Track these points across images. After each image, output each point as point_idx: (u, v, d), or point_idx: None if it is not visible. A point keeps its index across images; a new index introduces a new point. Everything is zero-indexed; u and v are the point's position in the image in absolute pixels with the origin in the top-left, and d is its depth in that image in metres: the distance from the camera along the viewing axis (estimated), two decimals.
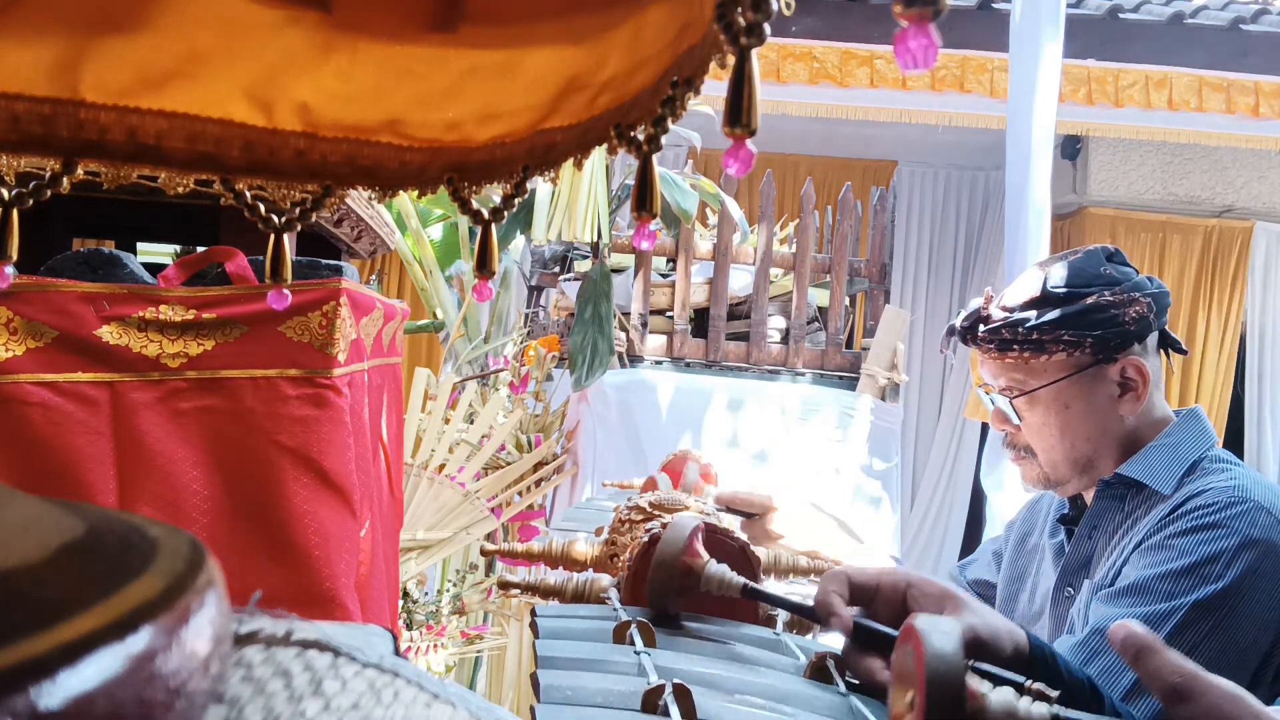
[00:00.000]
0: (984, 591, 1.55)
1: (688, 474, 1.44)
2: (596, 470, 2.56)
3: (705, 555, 0.77)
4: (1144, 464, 1.32)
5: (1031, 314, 1.32)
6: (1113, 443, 1.35)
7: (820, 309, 2.85)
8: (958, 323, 1.41)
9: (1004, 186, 3.02)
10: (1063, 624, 1.35)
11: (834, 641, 0.87)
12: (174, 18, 0.58)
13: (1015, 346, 1.33)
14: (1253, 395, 5.00)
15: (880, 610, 0.78)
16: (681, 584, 0.75)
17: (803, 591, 1.05)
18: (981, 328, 1.36)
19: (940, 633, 0.59)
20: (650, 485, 1.38)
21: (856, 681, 0.72)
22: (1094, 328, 1.30)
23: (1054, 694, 0.68)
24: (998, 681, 0.68)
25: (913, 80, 4.12)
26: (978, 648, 0.73)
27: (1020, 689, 0.67)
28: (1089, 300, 1.30)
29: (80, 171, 0.63)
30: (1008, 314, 1.34)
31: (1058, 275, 1.33)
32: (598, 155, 2.10)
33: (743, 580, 0.76)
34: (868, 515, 2.61)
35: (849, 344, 2.92)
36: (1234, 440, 4.96)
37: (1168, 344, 1.38)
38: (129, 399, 1.04)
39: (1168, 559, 1.20)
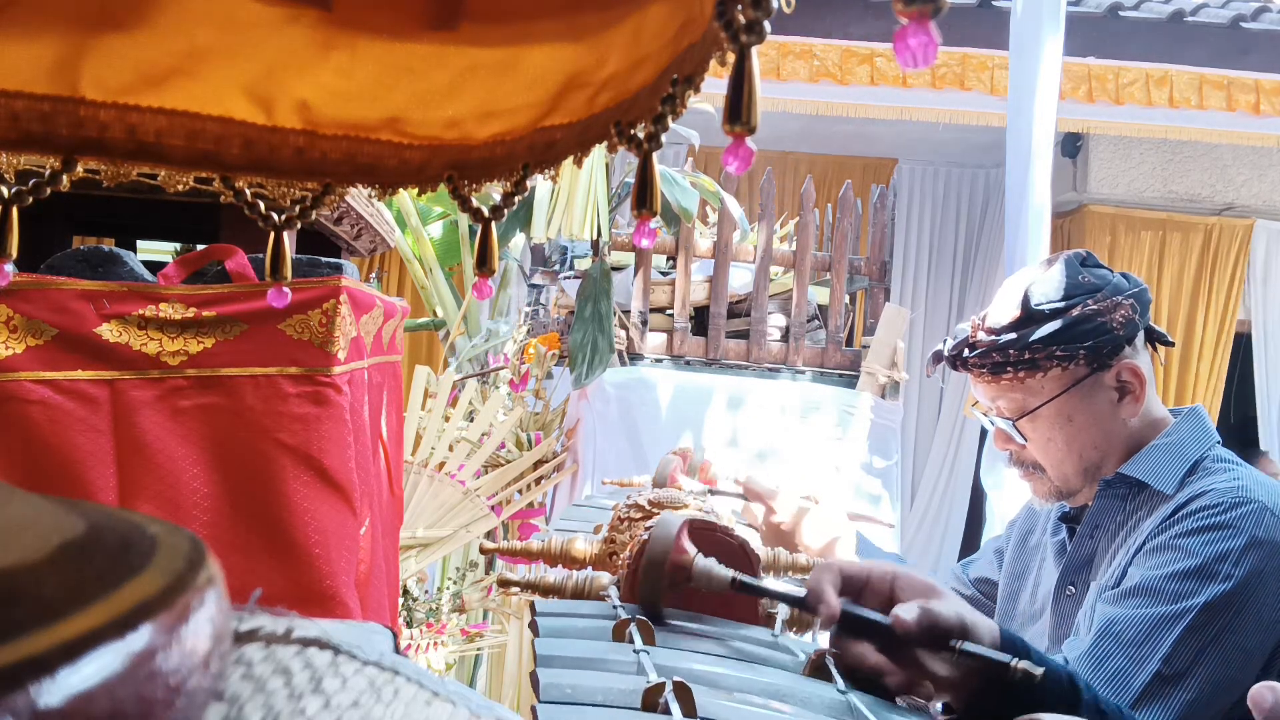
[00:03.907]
0: (987, 590, 1.55)
1: (663, 468, 1.43)
2: (596, 468, 2.56)
3: (693, 550, 0.78)
4: (1146, 464, 1.32)
5: (1019, 334, 1.31)
6: (1118, 445, 1.35)
7: (820, 307, 2.85)
8: (945, 349, 1.40)
9: (1004, 184, 3.02)
10: (1064, 622, 1.35)
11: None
12: (174, 15, 0.58)
13: (1009, 369, 1.32)
14: (1264, 393, 4.99)
15: (868, 601, 0.81)
16: (672, 580, 0.76)
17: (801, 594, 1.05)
18: (969, 353, 1.36)
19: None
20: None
21: (845, 668, 0.75)
22: (1084, 339, 1.29)
23: (1038, 671, 0.72)
24: (983, 660, 0.75)
25: (913, 78, 4.12)
26: (962, 631, 0.77)
27: (1006, 667, 0.74)
28: (1075, 312, 1.30)
29: (80, 169, 0.63)
30: (995, 337, 1.33)
31: (1039, 291, 1.32)
32: (598, 153, 2.10)
33: (731, 573, 0.77)
34: (867, 513, 2.61)
35: (849, 342, 2.92)
36: (1249, 439, 4.95)
37: (1153, 338, 1.38)
38: (129, 397, 1.04)
39: (1174, 559, 1.20)
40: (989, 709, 0.78)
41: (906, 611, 0.76)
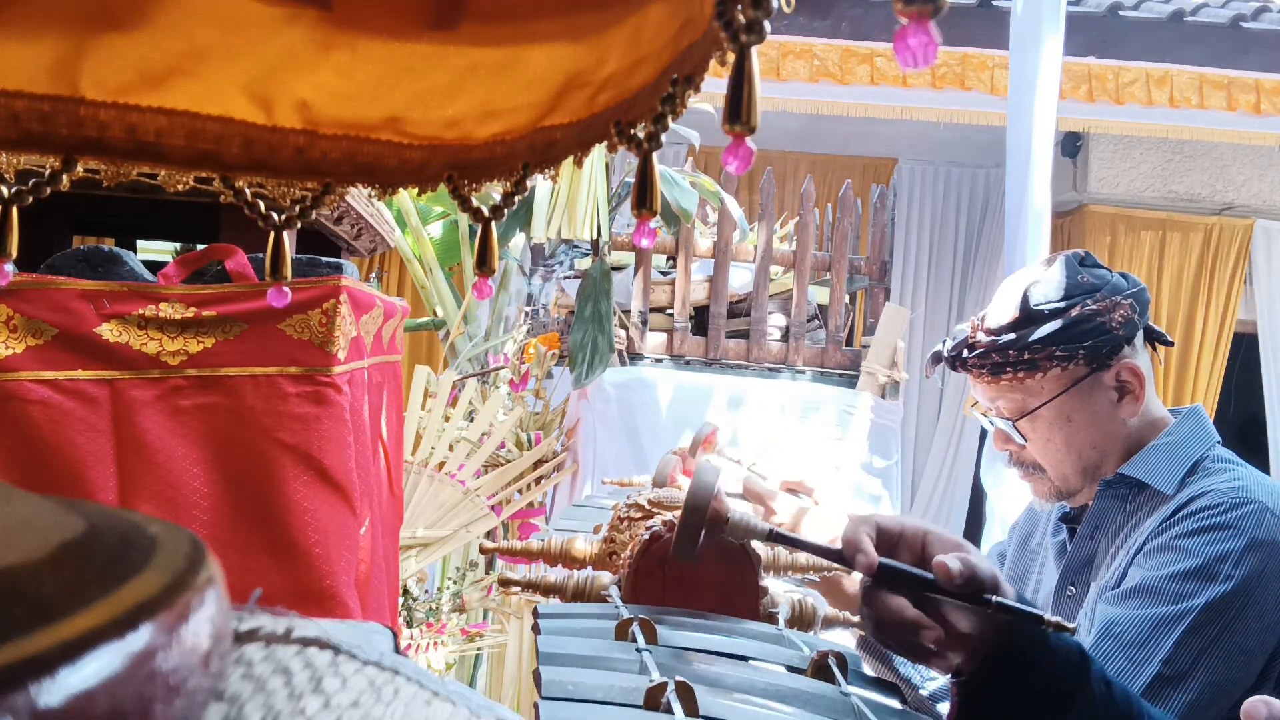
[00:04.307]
0: None
1: (663, 467, 1.43)
2: (596, 468, 2.56)
3: (728, 503, 0.78)
4: (1146, 464, 1.32)
5: (1019, 334, 1.31)
6: (1118, 445, 1.34)
7: (820, 307, 2.85)
8: (944, 350, 1.40)
9: (1004, 184, 3.01)
10: None
11: (834, 637, 0.87)
12: (174, 15, 0.58)
13: (1009, 369, 1.32)
14: (1272, 393, 4.98)
15: (901, 556, 0.82)
16: (709, 528, 0.76)
17: (801, 593, 1.05)
18: (968, 353, 1.36)
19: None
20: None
21: (876, 623, 0.77)
22: (1084, 339, 1.29)
23: (1072, 625, 0.73)
24: (1018, 613, 0.77)
25: (913, 77, 4.12)
26: (995, 586, 0.79)
27: (1040, 620, 0.76)
28: (1074, 312, 1.30)
29: (80, 169, 0.63)
30: (994, 337, 1.33)
31: (1038, 291, 1.32)
32: (598, 153, 2.10)
33: (767, 525, 0.78)
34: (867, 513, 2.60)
35: (849, 342, 2.92)
36: (1250, 440, 4.94)
37: (1152, 338, 1.38)
38: (129, 397, 1.04)
39: (1175, 560, 1.20)
40: (1001, 673, 0.79)
41: (951, 560, 0.77)
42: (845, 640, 0.97)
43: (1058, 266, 1.34)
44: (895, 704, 0.73)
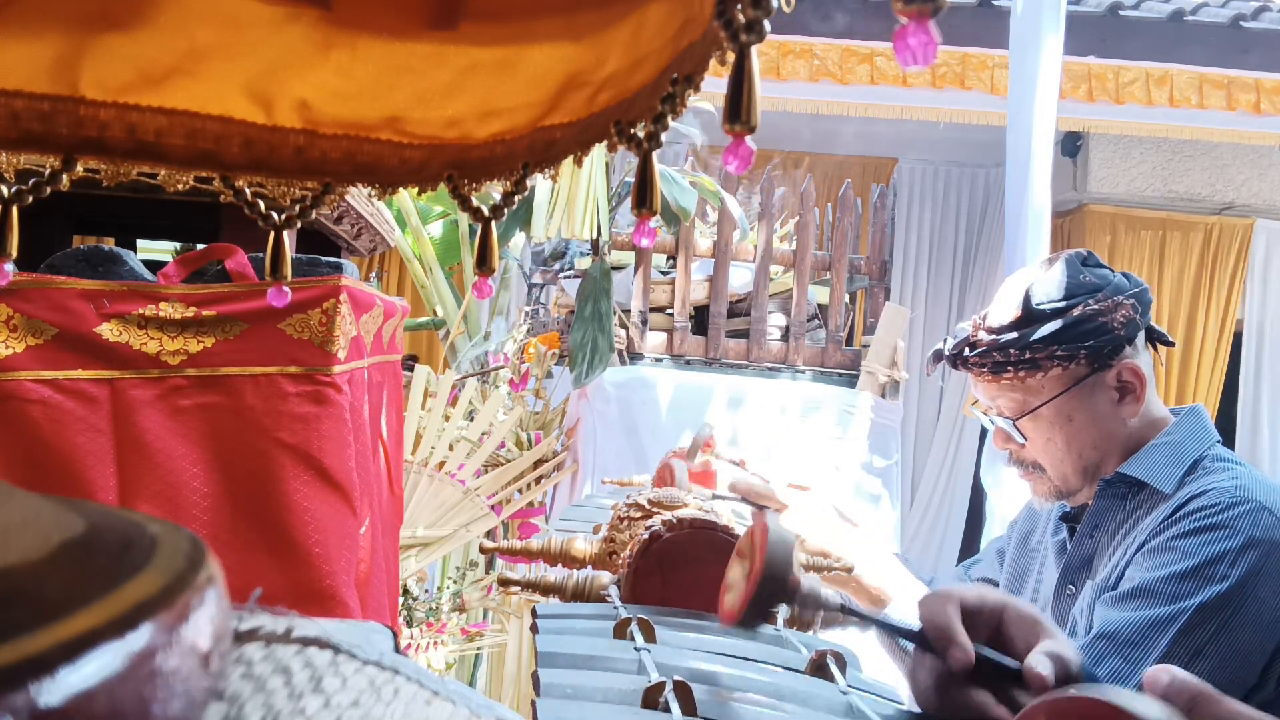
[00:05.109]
0: None
1: (677, 474, 1.43)
2: (596, 468, 2.56)
3: (800, 573, 0.70)
4: (1145, 463, 1.32)
5: (1020, 333, 1.31)
6: (1118, 445, 1.34)
7: (820, 306, 2.85)
8: (945, 349, 1.40)
9: (1004, 183, 3.01)
10: (1063, 622, 1.35)
11: (835, 637, 0.87)
12: (174, 14, 0.58)
13: (1010, 368, 1.32)
14: (1248, 392, 5.00)
15: (978, 635, 0.71)
16: (778, 596, 0.68)
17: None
18: (969, 352, 1.36)
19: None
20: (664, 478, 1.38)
21: (950, 709, 0.67)
22: (1085, 338, 1.29)
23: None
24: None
25: (913, 77, 4.12)
26: (1080, 677, 0.69)
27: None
28: (1076, 312, 1.30)
29: (80, 169, 0.63)
30: (996, 336, 1.33)
31: (1040, 290, 1.32)
32: (598, 152, 2.10)
33: (839, 599, 0.70)
34: (867, 513, 2.61)
35: (849, 341, 2.92)
36: (1226, 437, 4.94)
37: (1154, 338, 1.38)
38: (129, 396, 1.04)
39: (1171, 561, 1.20)
40: None
41: (1041, 665, 0.67)
42: (845, 640, 0.97)
43: (1060, 266, 1.34)
44: (895, 703, 0.73)
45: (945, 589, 0.74)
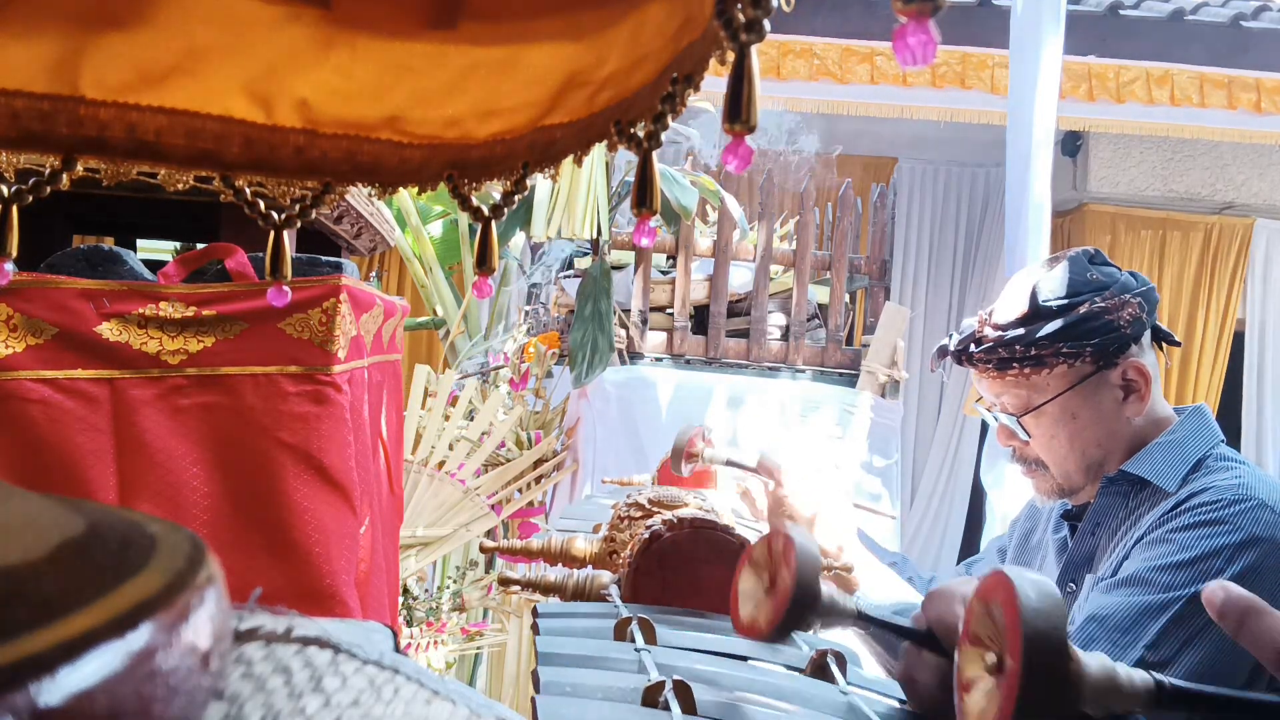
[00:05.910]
0: None
1: (681, 437, 1.42)
2: (596, 467, 2.56)
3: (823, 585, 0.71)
4: (1148, 461, 1.32)
5: (1026, 330, 1.31)
6: (1122, 444, 1.34)
7: (820, 306, 2.85)
8: (951, 344, 1.40)
9: (1004, 183, 3.02)
10: None
11: (835, 637, 0.87)
12: (174, 14, 0.58)
13: (1015, 364, 1.32)
14: (1251, 392, 5.00)
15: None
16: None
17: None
18: (975, 348, 1.35)
19: (1034, 583, 0.49)
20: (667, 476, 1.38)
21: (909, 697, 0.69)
22: (1091, 336, 1.29)
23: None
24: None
25: (913, 76, 4.12)
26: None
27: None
28: (1082, 309, 1.30)
29: (80, 168, 0.63)
30: (1001, 332, 1.33)
31: (1047, 287, 1.32)
32: (598, 152, 2.10)
33: (855, 606, 0.69)
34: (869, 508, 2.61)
35: (849, 341, 2.92)
36: (1231, 436, 4.94)
37: (1160, 338, 1.38)
38: (129, 396, 1.04)
39: (1169, 552, 1.20)
40: None
41: None
42: (845, 640, 0.97)
43: (1067, 263, 1.34)
44: (895, 703, 0.73)
45: (948, 587, 0.73)
